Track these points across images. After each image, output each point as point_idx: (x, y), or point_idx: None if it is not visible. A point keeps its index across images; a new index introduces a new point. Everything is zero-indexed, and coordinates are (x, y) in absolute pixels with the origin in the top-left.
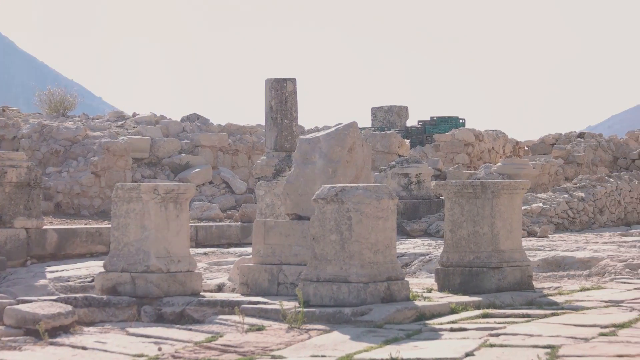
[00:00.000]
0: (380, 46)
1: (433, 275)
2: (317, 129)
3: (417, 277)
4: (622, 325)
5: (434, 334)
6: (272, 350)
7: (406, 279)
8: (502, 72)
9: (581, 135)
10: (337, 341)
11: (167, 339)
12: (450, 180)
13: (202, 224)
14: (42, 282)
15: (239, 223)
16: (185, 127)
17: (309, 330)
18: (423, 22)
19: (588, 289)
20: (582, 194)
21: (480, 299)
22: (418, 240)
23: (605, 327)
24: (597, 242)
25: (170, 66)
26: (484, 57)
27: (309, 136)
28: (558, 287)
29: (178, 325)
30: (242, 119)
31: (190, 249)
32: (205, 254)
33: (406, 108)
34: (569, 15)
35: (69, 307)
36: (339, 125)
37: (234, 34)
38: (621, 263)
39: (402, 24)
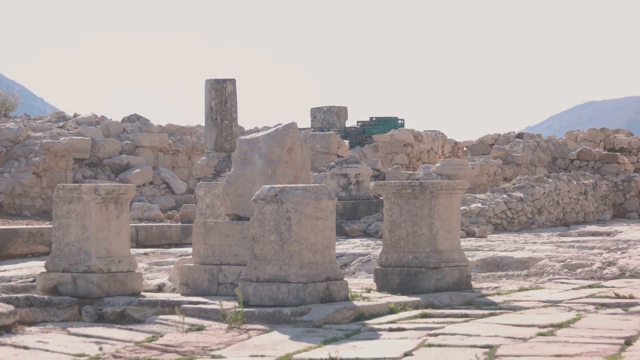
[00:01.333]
0: (319, 47)
1: (372, 275)
2: (256, 130)
3: (356, 277)
4: (560, 325)
5: (373, 334)
6: (212, 350)
7: (345, 279)
8: (441, 73)
9: (520, 135)
10: (277, 341)
11: (108, 338)
12: (389, 181)
13: (143, 224)
14: None
15: (179, 223)
16: (126, 127)
17: (249, 330)
18: (362, 22)
19: (526, 289)
20: (521, 195)
21: (418, 299)
22: (357, 241)
23: (544, 327)
24: (535, 243)
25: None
26: (423, 57)
27: (248, 137)
28: (496, 287)
29: (119, 325)
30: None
31: (131, 249)
32: (145, 254)
33: (345, 108)
34: (508, 15)
35: (11, 307)
36: (279, 126)
37: (174, 34)
38: (559, 263)
39: (341, 24)
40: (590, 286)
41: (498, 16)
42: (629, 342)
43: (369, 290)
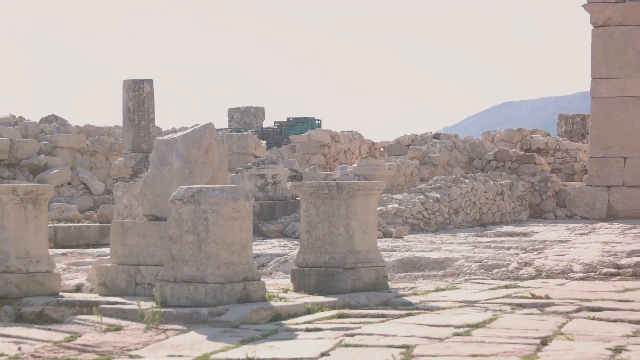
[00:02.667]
0: (236, 47)
1: (289, 275)
2: (174, 130)
3: (274, 278)
4: (476, 326)
5: (290, 334)
6: (130, 350)
7: (262, 279)
8: (359, 73)
9: (437, 136)
10: (194, 341)
11: (26, 338)
12: (306, 181)
13: (61, 224)
14: None
15: (98, 224)
16: (44, 128)
17: (167, 330)
18: (279, 22)
19: (443, 290)
20: (438, 195)
21: (335, 299)
22: (274, 241)
23: (460, 327)
24: (452, 243)
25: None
26: (340, 57)
27: (166, 137)
28: (413, 288)
29: (37, 325)
30: (101, 121)
31: (50, 250)
32: (64, 254)
33: (263, 109)
34: (426, 15)
35: None
36: (196, 127)
37: (91, 35)
38: (476, 264)
39: (258, 24)
40: (506, 286)
41: (415, 16)
42: (544, 342)
43: (286, 291)
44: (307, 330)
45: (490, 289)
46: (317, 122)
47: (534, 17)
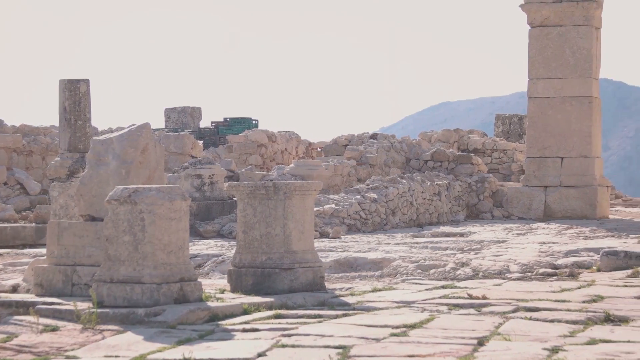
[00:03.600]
0: (173, 47)
1: (226, 276)
2: (110, 130)
3: (210, 278)
4: (413, 326)
5: (227, 335)
6: (66, 350)
7: (199, 279)
8: (295, 73)
9: (374, 136)
10: (131, 342)
11: None
12: (243, 182)
13: None
14: None
15: (34, 224)
16: None
17: (103, 330)
18: (215, 22)
19: (380, 290)
20: (375, 195)
21: (272, 299)
22: (211, 242)
23: (397, 327)
24: (389, 243)
25: None
26: (277, 57)
27: (102, 137)
28: (350, 288)
29: None
30: (37, 120)
31: None
32: (0, 254)
33: (199, 109)
34: (363, 15)
35: None
36: (132, 127)
37: (27, 32)
38: (413, 264)
39: (194, 24)
40: (443, 287)
41: (352, 15)
42: (481, 342)
43: (222, 291)
44: (244, 330)
45: (427, 290)
46: (254, 122)
47: (470, 17)
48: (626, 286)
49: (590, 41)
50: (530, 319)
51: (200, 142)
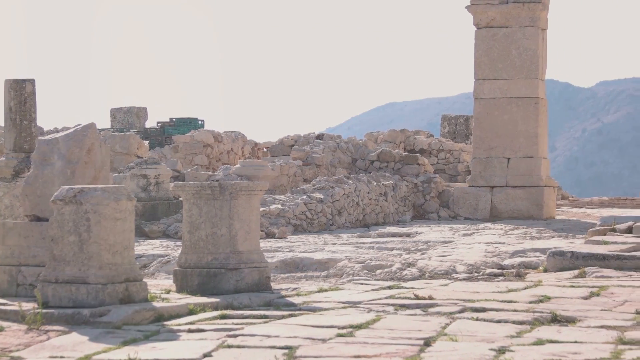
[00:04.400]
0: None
1: (172, 276)
2: (56, 130)
3: (156, 279)
4: (359, 326)
5: (172, 335)
6: (11, 351)
7: (145, 280)
8: (241, 73)
9: (320, 136)
10: (76, 342)
11: None
12: (189, 182)
13: None
14: None
15: None
16: None
17: (48, 331)
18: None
19: (326, 290)
20: (321, 196)
21: (218, 300)
22: (157, 242)
23: (343, 328)
24: (335, 244)
25: None
26: (223, 57)
27: (47, 137)
28: (296, 289)
29: None
30: None
31: None
32: None
33: (145, 109)
34: (309, 15)
35: None
36: (78, 127)
37: None
38: (359, 264)
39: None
40: (389, 287)
41: (298, 15)
42: (428, 343)
43: (168, 292)
44: (190, 331)
45: (373, 290)
46: (200, 122)
47: (417, 18)
48: (573, 286)
49: (536, 42)
50: (477, 319)
51: (146, 142)
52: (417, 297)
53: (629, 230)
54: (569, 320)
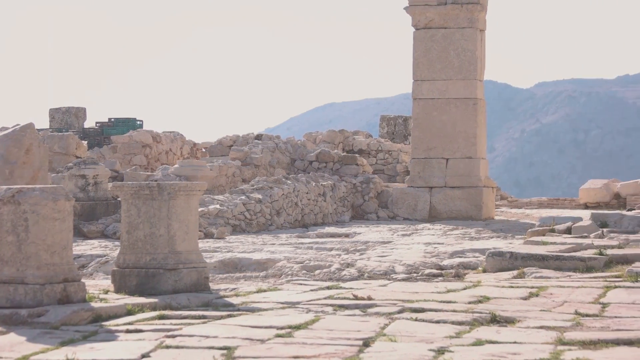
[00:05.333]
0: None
1: (110, 276)
2: None
3: (94, 279)
4: (298, 327)
5: (110, 336)
6: None
7: (83, 280)
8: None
9: (259, 137)
10: (14, 342)
11: None
12: (127, 182)
13: None
14: None
15: None
16: None
17: None
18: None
19: (265, 291)
20: (260, 196)
21: (156, 300)
22: (95, 242)
23: (282, 328)
24: (274, 244)
25: None
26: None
27: None
28: (235, 289)
29: None
30: None
31: None
32: None
33: (84, 109)
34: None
35: None
36: (17, 127)
37: None
38: (298, 265)
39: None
40: (328, 287)
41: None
42: (367, 343)
43: (106, 292)
44: (128, 331)
45: (312, 290)
46: (138, 122)
47: (356, 18)
48: (512, 287)
49: (475, 43)
50: (416, 319)
51: (85, 143)
52: (356, 298)
53: (568, 231)
54: (508, 321)
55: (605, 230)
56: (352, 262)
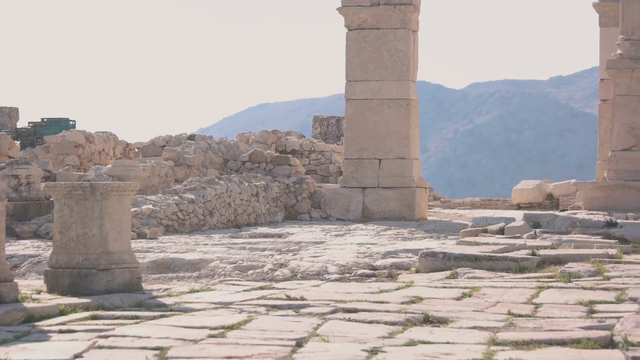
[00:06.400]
0: None
1: (43, 277)
2: None
3: (27, 279)
4: (231, 327)
5: (43, 336)
6: None
7: (16, 280)
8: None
9: (192, 137)
10: None
11: None
12: (60, 182)
13: None
14: None
15: None
16: None
17: None
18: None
19: (197, 291)
20: (192, 196)
21: (89, 300)
22: (28, 242)
23: (215, 328)
24: (207, 244)
25: None
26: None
27: None
28: (167, 289)
29: None
30: None
31: None
32: None
33: (17, 109)
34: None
35: None
36: None
37: None
38: (231, 265)
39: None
40: (261, 288)
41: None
42: (299, 343)
43: (39, 292)
44: (61, 331)
45: (245, 291)
46: (71, 122)
47: (289, 18)
48: (445, 287)
49: (408, 44)
50: (349, 320)
51: (18, 143)
52: (289, 298)
53: (501, 231)
54: (441, 321)
55: (538, 230)
56: (285, 263)
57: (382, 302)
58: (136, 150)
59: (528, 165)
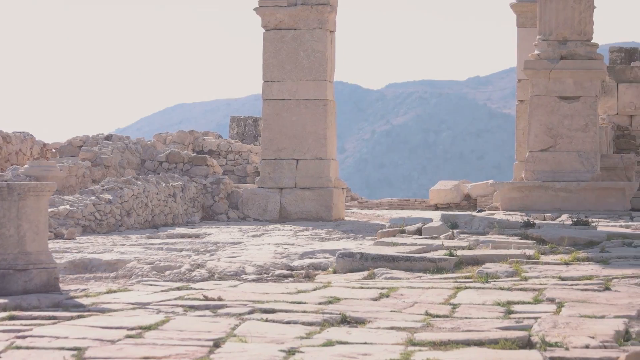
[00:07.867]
0: None
1: None
2: None
3: None
4: (148, 327)
5: None
6: None
7: None
8: (30, 72)
9: (109, 137)
10: None
11: None
12: None
13: None
14: None
15: None
16: None
17: None
18: None
19: (115, 291)
20: (110, 197)
21: (6, 301)
22: None
23: (132, 329)
24: (124, 245)
25: None
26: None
27: None
28: (85, 290)
29: None
30: None
31: None
32: None
33: None
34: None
35: None
36: None
37: None
38: (148, 265)
39: None
40: (179, 288)
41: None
42: (217, 344)
43: None
44: None
45: (162, 291)
46: None
47: (205, 18)
48: (362, 288)
49: (325, 44)
50: (267, 320)
51: None
52: (206, 298)
53: (418, 232)
54: (358, 322)
55: (455, 231)
56: (202, 263)
57: (300, 303)
58: (53, 150)
59: (446, 166)
